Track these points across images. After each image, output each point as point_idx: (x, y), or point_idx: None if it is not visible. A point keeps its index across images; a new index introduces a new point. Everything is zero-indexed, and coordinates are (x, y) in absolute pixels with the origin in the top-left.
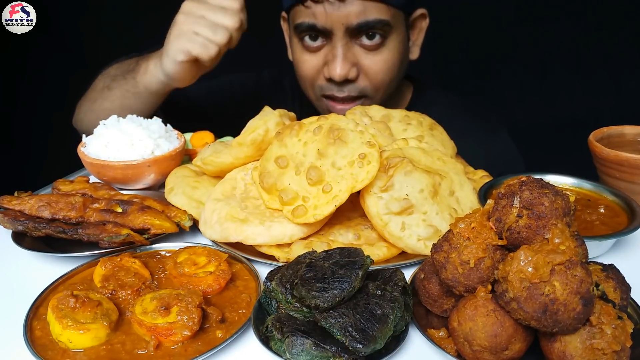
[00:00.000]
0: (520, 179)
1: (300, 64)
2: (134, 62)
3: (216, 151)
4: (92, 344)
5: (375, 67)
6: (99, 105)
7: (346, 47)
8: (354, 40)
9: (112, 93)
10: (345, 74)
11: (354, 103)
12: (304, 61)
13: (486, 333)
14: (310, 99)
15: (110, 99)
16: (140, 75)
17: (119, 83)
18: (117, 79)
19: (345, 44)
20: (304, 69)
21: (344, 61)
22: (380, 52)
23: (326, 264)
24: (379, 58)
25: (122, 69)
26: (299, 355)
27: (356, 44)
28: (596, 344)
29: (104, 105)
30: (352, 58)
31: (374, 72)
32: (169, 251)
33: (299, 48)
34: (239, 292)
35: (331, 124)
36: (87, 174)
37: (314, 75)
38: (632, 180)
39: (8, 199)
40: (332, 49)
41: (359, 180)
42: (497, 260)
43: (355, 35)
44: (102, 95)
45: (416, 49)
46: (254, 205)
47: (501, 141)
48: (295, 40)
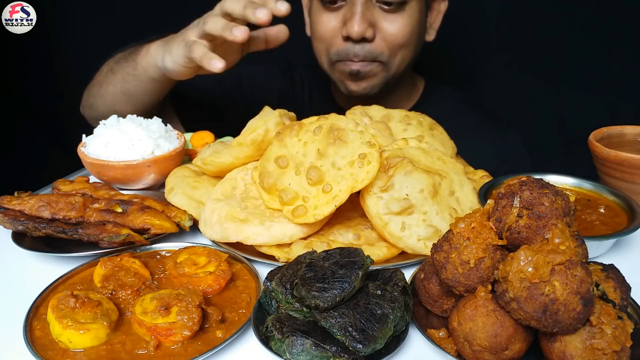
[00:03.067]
0: (520, 179)
1: (319, 25)
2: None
3: (216, 151)
4: (92, 344)
5: (392, 30)
6: (104, 90)
7: (365, 6)
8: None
9: (115, 77)
10: (362, 31)
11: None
12: (322, 22)
13: (486, 333)
14: (322, 66)
15: (113, 82)
16: (140, 57)
17: (122, 66)
18: (120, 62)
19: (365, 2)
20: (322, 29)
21: (362, 18)
22: (399, 15)
23: (326, 264)
24: (398, 21)
25: (127, 52)
26: (299, 355)
27: (376, 5)
28: (596, 344)
29: (108, 89)
30: (370, 17)
31: (392, 34)
32: (169, 251)
33: (319, 8)
34: (239, 292)
35: (331, 124)
36: (87, 174)
37: (331, 36)
38: (632, 180)
39: (8, 199)
40: (351, 7)
41: (359, 180)
42: (497, 260)
43: None
44: (107, 79)
45: (432, 32)
46: (254, 205)
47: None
48: (315, 2)
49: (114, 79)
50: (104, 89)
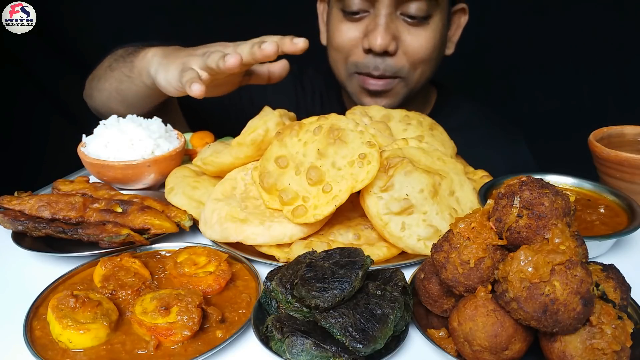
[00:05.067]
0: (520, 179)
1: (337, 34)
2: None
3: (216, 151)
4: (92, 344)
5: (416, 44)
6: (101, 85)
7: (389, 18)
8: (398, 11)
9: (112, 74)
10: (386, 44)
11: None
12: (342, 31)
13: (486, 333)
14: (339, 77)
15: (109, 80)
16: (138, 60)
17: (119, 65)
18: (119, 60)
19: (388, 14)
20: (341, 39)
21: (385, 31)
22: (423, 29)
23: (326, 264)
24: (422, 35)
25: (128, 51)
26: (299, 355)
27: (400, 18)
28: (596, 344)
29: (104, 85)
30: (394, 30)
31: (415, 48)
32: (169, 251)
33: (338, 17)
34: (239, 292)
35: (331, 124)
36: (87, 174)
37: (350, 47)
38: (632, 180)
39: (8, 199)
40: (374, 18)
41: (359, 180)
42: (497, 260)
43: (400, 5)
44: (105, 75)
45: (452, 45)
46: (254, 205)
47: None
48: (334, 11)
49: (111, 76)
50: (102, 84)
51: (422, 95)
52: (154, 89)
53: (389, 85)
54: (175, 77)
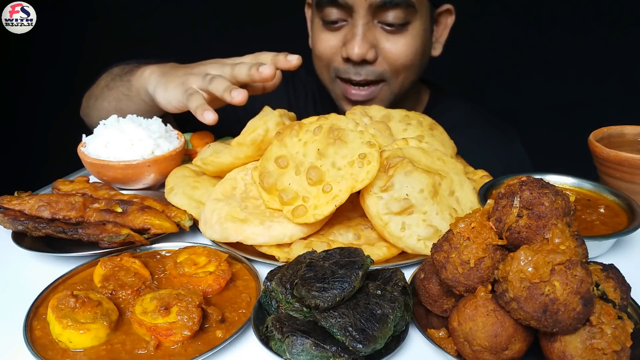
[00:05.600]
0: (520, 179)
1: (318, 42)
2: (136, 65)
3: (216, 151)
4: (92, 344)
5: (395, 51)
6: (100, 104)
7: (367, 27)
8: (375, 20)
9: (110, 94)
10: (363, 53)
11: (370, 87)
12: (323, 39)
13: (486, 333)
14: (324, 82)
15: (108, 99)
16: (135, 79)
17: (117, 84)
18: (116, 79)
19: (366, 23)
20: (322, 47)
21: (363, 40)
22: (402, 36)
23: (326, 264)
24: (401, 41)
25: (124, 70)
26: (299, 355)
27: (377, 26)
28: (596, 344)
29: (103, 104)
30: (372, 39)
31: (394, 55)
32: (169, 251)
33: (319, 27)
34: (239, 292)
35: (331, 124)
36: (87, 174)
37: (331, 55)
38: (632, 180)
39: (8, 199)
40: (352, 28)
41: (359, 180)
42: (497, 260)
43: (378, 14)
44: (102, 95)
45: (439, 46)
46: (254, 205)
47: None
48: (316, 20)
49: (109, 96)
50: (100, 103)
51: (413, 95)
52: (153, 106)
53: (372, 95)
54: (175, 96)
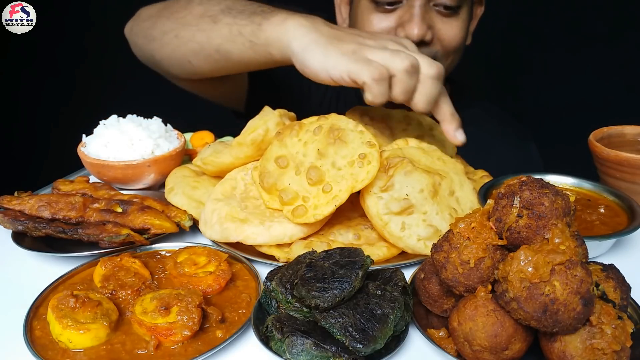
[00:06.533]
0: (520, 179)
1: (369, 24)
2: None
3: (216, 151)
4: (92, 344)
5: (450, 33)
6: (190, 35)
7: (424, 9)
8: (431, 2)
9: (217, 27)
10: (422, 34)
11: None
12: (373, 22)
13: (486, 333)
14: None
15: (207, 32)
16: (271, 26)
17: (235, 20)
18: (233, 13)
19: (423, 4)
20: (374, 29)
21: (422, 21)
22: (454, 19)
23: (326, 264)
24: (454, 24)
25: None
26: (299, 355)
27: (433, 8)
28: (596, 344)
29: (197, 37)
30: (428, 20)
31: (448, 37)
32: (169, 251)
33: (368, 9)
34: (239, 292)
35: (331, 124)
36: (87, 174)
37: None
38: (632, 180)
39: (8, 199)
40: (409, 9)
41: (359, 180)
42: (497, 260)
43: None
44: (199, 25)
45: (469, 36)
46: (254, 205)
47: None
48: (363, 2)
49: (213, 30)
50: (191, 33)
51: None
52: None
53: None
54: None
